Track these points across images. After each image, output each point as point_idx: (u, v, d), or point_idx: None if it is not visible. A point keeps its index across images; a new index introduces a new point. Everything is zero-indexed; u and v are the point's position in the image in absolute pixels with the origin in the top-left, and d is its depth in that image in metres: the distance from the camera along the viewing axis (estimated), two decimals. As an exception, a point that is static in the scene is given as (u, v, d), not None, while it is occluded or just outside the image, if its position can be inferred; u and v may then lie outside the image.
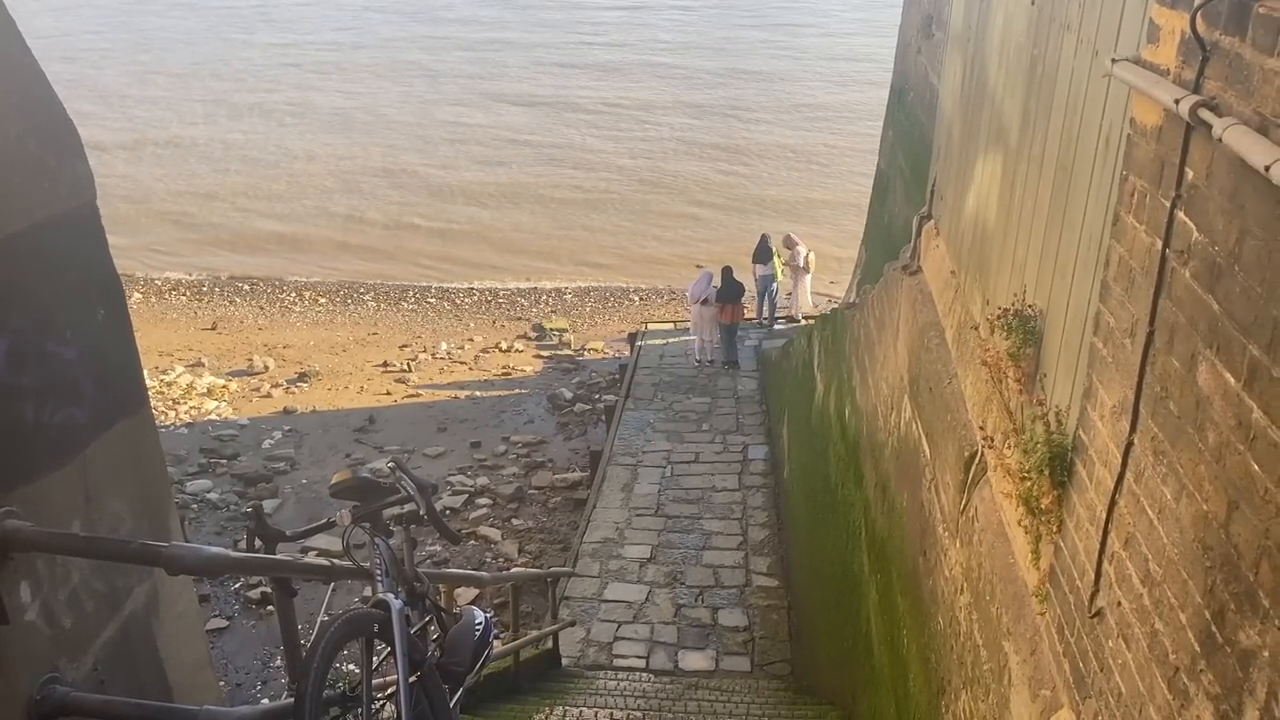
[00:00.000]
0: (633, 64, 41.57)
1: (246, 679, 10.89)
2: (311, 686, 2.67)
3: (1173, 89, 2.52)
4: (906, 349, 6.65)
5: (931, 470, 5.42)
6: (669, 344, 18.29)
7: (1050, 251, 4.09)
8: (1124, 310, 2.89)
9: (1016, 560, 3.88)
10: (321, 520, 3.54)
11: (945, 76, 7.74)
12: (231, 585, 12.36)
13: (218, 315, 22.51)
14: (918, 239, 7.54)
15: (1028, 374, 4.15)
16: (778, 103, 36.36)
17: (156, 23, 48.98)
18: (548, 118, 35.10)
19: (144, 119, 34.80)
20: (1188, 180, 2.49)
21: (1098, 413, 3.07)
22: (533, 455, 16.13)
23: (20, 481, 2.45)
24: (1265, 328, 2.04)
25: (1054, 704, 3.23)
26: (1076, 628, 3.10)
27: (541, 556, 13.17)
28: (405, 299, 23.72)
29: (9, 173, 2.44)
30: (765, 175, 30.08)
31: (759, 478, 13.17)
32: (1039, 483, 3.48)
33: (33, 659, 2.46)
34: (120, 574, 2.85)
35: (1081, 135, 3.76)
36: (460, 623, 3.87)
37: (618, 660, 9.54)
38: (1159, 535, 2.52)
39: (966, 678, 4.26)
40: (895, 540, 6.22)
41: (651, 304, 23.55)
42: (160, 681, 3.06)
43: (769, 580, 10.86)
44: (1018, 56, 5.01)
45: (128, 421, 2.93)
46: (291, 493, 14.85)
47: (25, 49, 2.52)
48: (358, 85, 39.07)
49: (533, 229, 27.06)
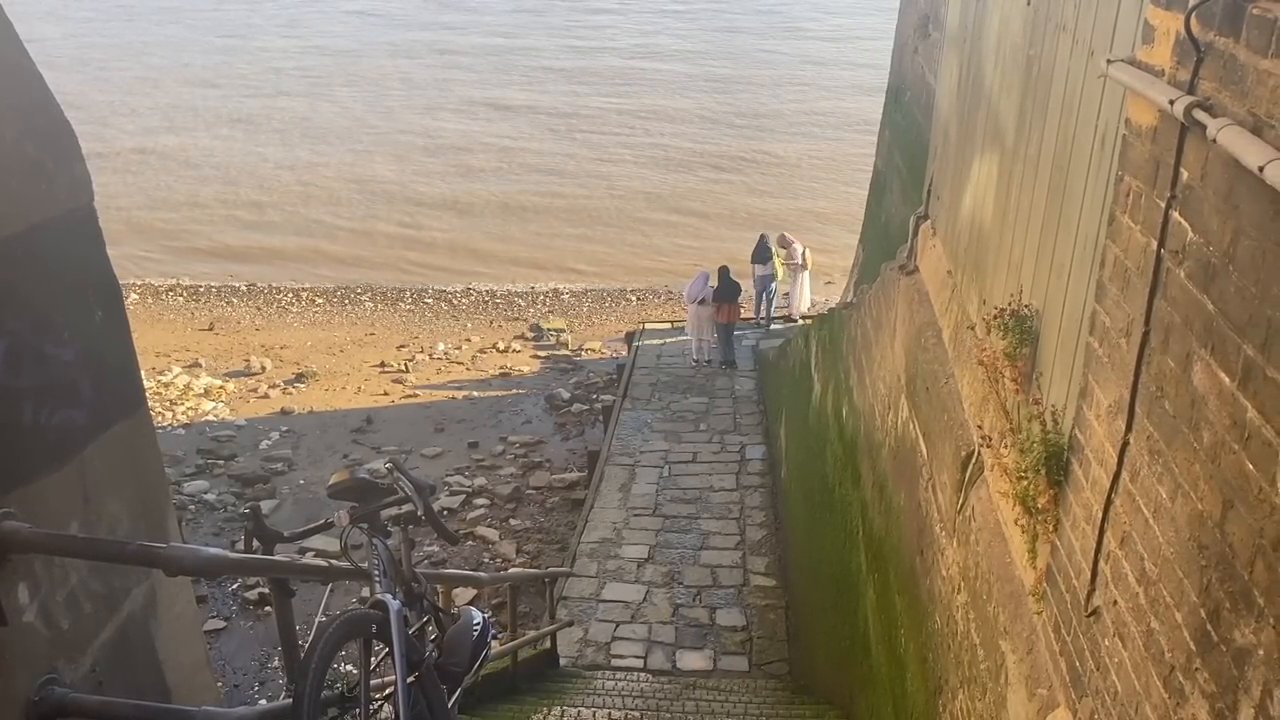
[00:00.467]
0: (620, 69, 41.41)
1: (245, 680, 10.89)
2: (310, 687, 2.68)
3: (1167, 90, 2.53)
4: (903, 349, 6.66)
5: (929, 470, 5.43)
6: (666, 344, 18.30)
7: (1046, 251, 4.10)
8: (1119, 310, 2.89)
9: (1013, 559, 3.89)
10: (319, 521, 3.55)
11: (942, 77, 7.75)
12: (229, 586, 12.35)
13: (215, 316, 22.49)
14: (914, 239, 7.55)
15: (1024, 374, 4.16)
16: (773, 108, 36.25)
17: (140, 29, 48.65)
18: (532, 125, 34.82)
19: (124, 127, 34.34)
20: (1183, 180, 2.50)
21: (1094, 412, 3.08)
22: (530, 455, 16.13)
23: (18, 483, 2.45)
24: (1260, 328, 2.05)
25: (1051, 703, 3.24)
26: (1073, 627, 3.11)
27: (539, 557, 13.17)
28: (403, 300, 23.71)
29: (7, 175, 2.45)
30: (756, 184, 29.86)
31: (756, 478, 13.17)
32: (1035, 482, 3.49)
33: (31, 660, 2.46)
34: (118, 575, 2.85)
35: (1077, 136, 3.77)
36: (458, 623, 3.87)
37: (615, 660, 9.54)
38: (1155, 534, 2.53)
39: (964, 677, 4.27)
40: (892, 540, 6.23)
41: (649, 304, 23.56)
42: (158, 682, 3.06)
43: (767, 580, 10.87)
44: (1014, 57, 5.02)
45: (125, 423, 2.93)
46: (289, 493, 14.84)
47: (23, 52, 2.53)
48: (340, 92, 38.62)
49: (519, 238, 26.88)
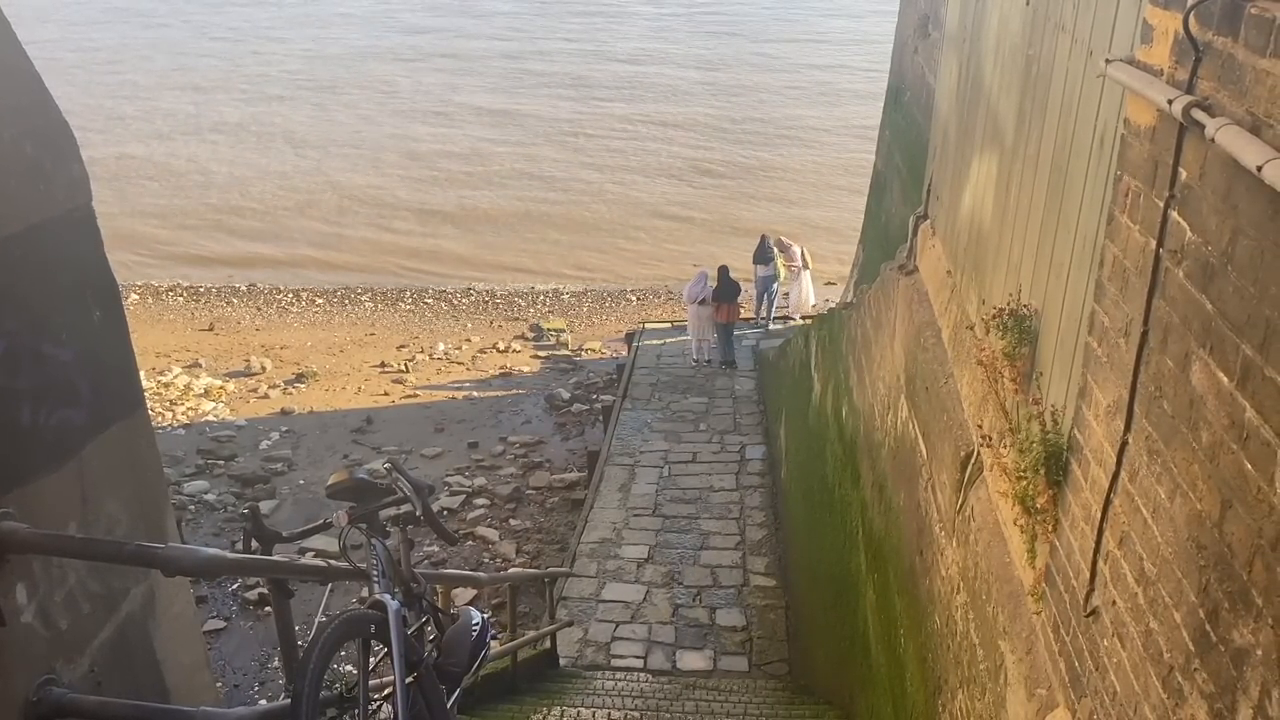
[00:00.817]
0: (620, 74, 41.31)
1: (244, 680, 10.89)
2: (308, 687, 2.68)
3: (1166, 89, 2.53)
4: (903, 349, 6.66)
5: (928, 470, 5.43)
6: (666, 344, 18.30)
7: (1045, 251, 4.10)
8: (1118, 310, 2.89)
9: (1012, 559, 3.89)
10: (319, 521, 3.55)
11: (941, 77, 7.74)
12: (229, 586, 12.35)
13: (215, 316, 22.49)
14: (914, 239, 7.55)
15: (1023, 373, 4.15)
16: (768, 114, 36.14)
17: (124, 32, 48.41)
18: (520, 132, 34.62)
19: (114, 132, 34.01)
20: (1181, 180, 2.50)
21: (1093, 412, 3.08)
22: (530, 455, 16.12)
23: (16, 483, 2.45)
24: (1258, 327, 2.04)
25: (1050, 703, 3.24)
26: (1072, 627, 3.11)
27: (539, 557, 13.17)
28: (402, 300, 23.71)
29: (5, 175, 2.45)
30: (749, 192, 29.70)
31: (756, 478, 13.17)
32: (1034, 482, 3.49)
33: (29, 660, 2.46)
34: (116, 575, 2.85)
35: (1076, 135, 3.77)
36: (457, 623, 3.87)
37: (615, 660, 9.54)
38: (1153, 534, 2.53)
39: (963, 677, 4.27)
40: (892, 540, 6.23)
41: (649, 304, 23.56)
42: (157, 683, 3.06)
43: (766, 580, 10.86)
44: (1013, 57, 5.02)
45: (124, 423, 2.93)
46: (289, 493, 14.84)
47: (22, 53, 2.53)
48: (325, 97, 38.30)
49: (508, 245, 26.83)
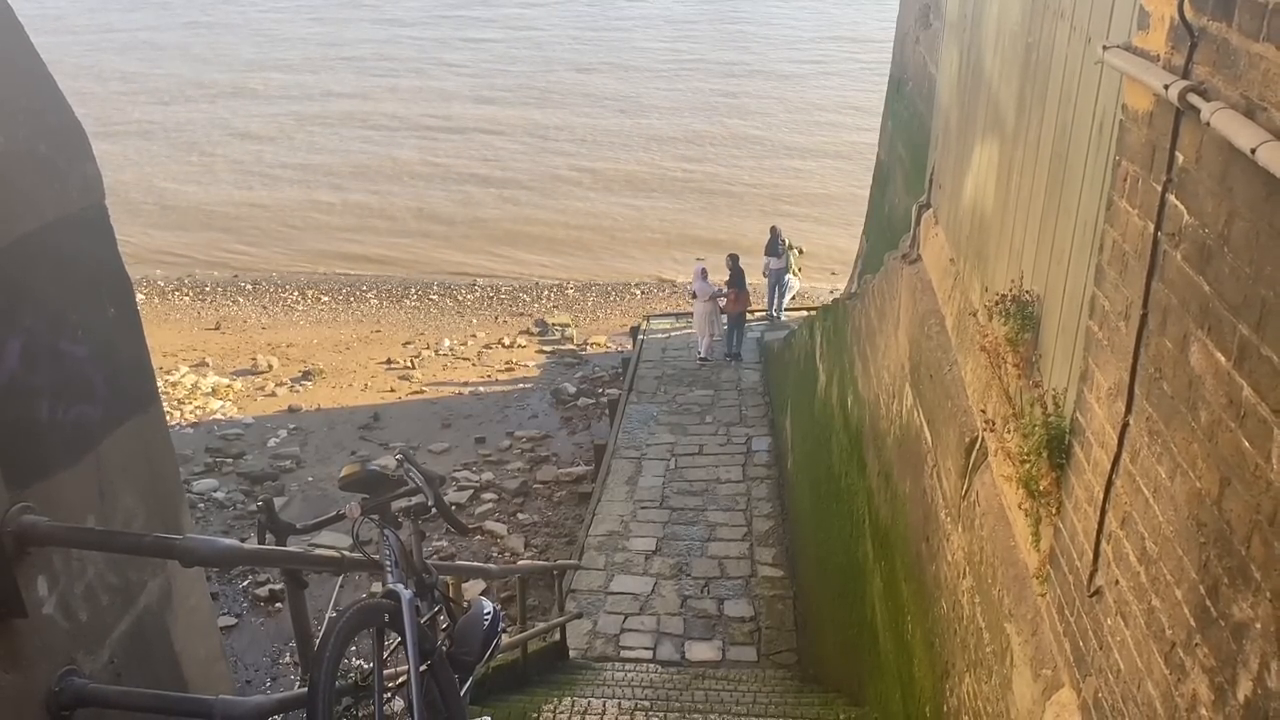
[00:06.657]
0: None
1: (256, 675, 10.97)
2: (324, 676, 2.72)
3: (1163, 75, 2.56)
4: (907, 337, 6.68)
5: (933, 457, 5.46)
6: (671, 337, 18.33)
7: (1046, 237, 4.13)
8: (1118, 293, 2.92)
9: (1017, 543, 3.92)
10: (331, 514, 3.59)
11: (942, 66, 7.75)
12: (240, 583, 12.44)
13: (221, 315, 22.56)
14: (917, 228, 7.57)
15: (1026, 359, 4.18)
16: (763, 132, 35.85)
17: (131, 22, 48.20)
18: (526, 135, 34.38)
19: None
20: (1178, 164, 2.53)
21: (1094, 395, 3.11)
22: (537, 450, 16.18)
23: (36, 478, 2.49)
24: (1254, 307, 2.08)
25: (1055, 683, 3.27)
26: (1076, 607, 3.14)
27: (547, 550, 13.23)
28: (408, 296, 23.76)
29: (20, 174, 2.48)
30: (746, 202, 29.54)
31: (763, 469, 13.21)
32: (1038, 465, 3.52)
33: (51, 651, 2.50)
34: (134, 568, 2.89)
35: (1075, 121, 3.79)
36: (469, 613, 3.92)
37: (624, 651, 9.60)
38: (1155, 514, 2.56)
39: (970, 660, 4.30)
40: (898, 527, 6.26)
41: (653, 298, 23.57)
42: (175, 674, 3.10)
43: (774, 570, 10.91)
44: (1013, 44, 5.04)
45: (139, 418, 2.97)
46: (298, 490, 14.91)
47: (34, 54, 2.56)
48: (329, 102, 38.10)
49: (509, 240, 26.79)
